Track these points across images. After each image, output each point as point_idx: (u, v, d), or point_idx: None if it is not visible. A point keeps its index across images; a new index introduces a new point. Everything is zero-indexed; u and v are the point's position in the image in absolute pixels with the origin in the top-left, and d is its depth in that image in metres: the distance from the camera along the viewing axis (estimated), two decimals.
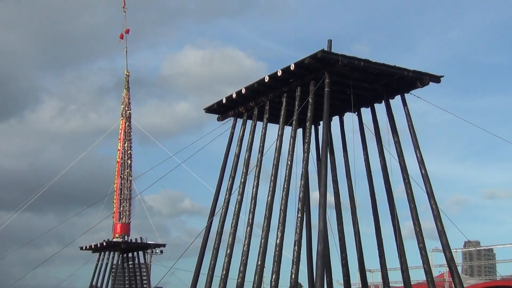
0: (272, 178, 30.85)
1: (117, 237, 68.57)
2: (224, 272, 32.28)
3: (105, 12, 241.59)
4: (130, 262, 74.23)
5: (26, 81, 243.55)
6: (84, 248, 72.60)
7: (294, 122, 30.93)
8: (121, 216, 68.97)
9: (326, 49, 29.65)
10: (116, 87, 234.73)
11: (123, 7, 72.10)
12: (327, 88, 29.53)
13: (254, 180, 32.48)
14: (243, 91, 33.56)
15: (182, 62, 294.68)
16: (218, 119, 37.51)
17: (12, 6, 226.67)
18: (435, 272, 57.76)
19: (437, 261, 61.51)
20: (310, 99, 30.16)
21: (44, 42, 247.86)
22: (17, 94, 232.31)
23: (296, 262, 28.11)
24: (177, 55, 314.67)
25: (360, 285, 34.47)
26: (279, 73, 30.86)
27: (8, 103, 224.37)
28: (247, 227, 31.77)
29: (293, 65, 30.03)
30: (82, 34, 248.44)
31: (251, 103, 34.36)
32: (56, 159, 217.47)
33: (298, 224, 28.77)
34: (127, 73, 72.91)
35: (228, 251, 32.57)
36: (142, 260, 73.90)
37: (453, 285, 31.61)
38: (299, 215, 28.96)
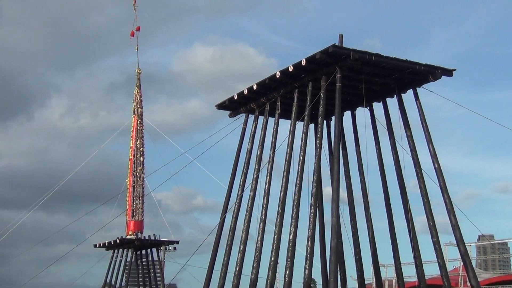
0: (285, 174, 30.83)
1: (130, 235, 68.73)
2: (237, 268, 32.33)
3: (114, 10, 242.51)
4: (143, 259, 74.42)
5: (36, 79, 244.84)
6: (97, 245, 72.88)
7: (306, 118, 30.88)
8: (134, 214, 69.10)
9: (337, 44, 29.57)
10: (125, 85, 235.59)
11: (134, 5, 72.11)
12: (338, 83, 29.48)
13: (267, 176, 32.49)
14: (255, 87, 33.55)
15: (193, 59, 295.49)
16: (230, 116, 37.55)
17: (21, 3, 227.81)
18: (449, 267, 57.68)
19: (451, 255, 61.44)
20: (321, 94, 30.11)
21: (53, 39, 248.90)
22: (26, 92, 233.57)
23: (310, 257, 28.10)
24: (188, 52, 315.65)
25: (374, 280, 34.41)
26: (291, 69, 30.83)
27: (17, 101, 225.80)
28: (260, 223, 31.79)
29: (304, 61, 29.98)
30: (91, 32, 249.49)
31: (263, 99, 34.35)
32: (65, 157, 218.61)
33: (311, 219, 28.75)
34: (139, 71, 72.95)
35: (241, 247, 32.61)
36: (155, 257, 74.14)
37: (467, 279, 31.51)
38: (312, 210, 28.95)
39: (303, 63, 30.06)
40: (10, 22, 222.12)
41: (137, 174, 69.78)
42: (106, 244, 71.29)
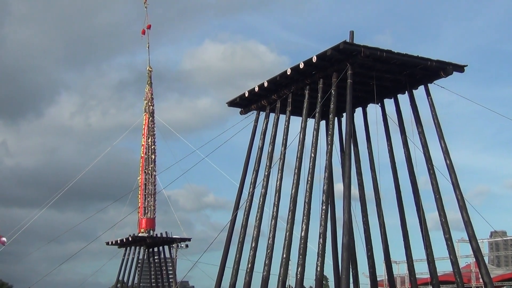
0: (296, 170, 30.83)
1: (142, 232, 68.95)
2: (249, 265, 32.36)
3: (125, 8, 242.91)
4: (155, 257, 74.66)
5: (45, 77, 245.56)
6: (110, 243, 73.13)
7: (317, 115, 30.86)
8: (146, 211, 69.33)
9: (348, 40, 29.52)
10: (135, 83, 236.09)
11: (145, 3, 72.25)
12: (349, 79, 29.44)
13: (278, 173, 32.50)
14: (266, 84, 33.56)
15: (203, 57, 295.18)
16: (241, 113, 37.56)
17: (30, 1, 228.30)
18: (462, 263, 57.44)
19: (463, 251, 61.18)
20: (332, 91, 30.07)
21: (63, 37, 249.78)
22: (36, 90, 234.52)
23: (321, 254, 28.09)
24: (198, 50, 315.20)
25: (386, 277, 34.37)
26: (301, 66, 30.80)
27: (26, 99, 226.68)
28: (271, 220, 31.81)
29: (315, 57, 29.95)
30: (101, 30, 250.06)
31: (274, 96, 34.34)
32: (74, 155, 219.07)
33: (323, 216, 28.72)
34: (150, 69, 73.11)
35: (253, 245, 32.64)
36: (167, 255, 74.39)
37: (480, 275, 31.40)
38: (324, 207, 28.91)
39: (314, 60, 30.03)
40: (19, 20, 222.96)
41: (149, 171, 69.99)
42: (119, 241, 71.54)
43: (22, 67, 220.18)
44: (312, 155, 30.28)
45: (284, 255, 29.79)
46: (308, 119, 31.65)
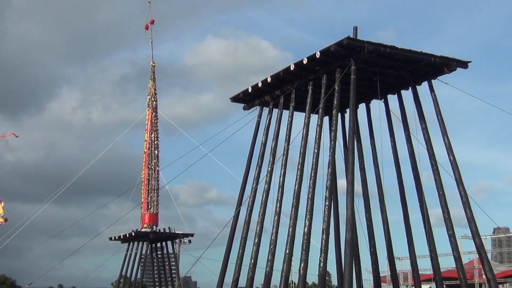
0: (299, 166, 30.81)
1: (145, 228, 68.95)
2: (252, 261, 32.37)
3: (127, 3, 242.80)
4: (158, 252, 74.68)
5: (47, 72, 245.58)
6: (113, 238, 73.16)
7: (320, 110, 30.83)
8: (149, 206, 69.31)
9: (351, 36, 29.47)
10: (137, 78, 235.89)
11: None
12: (353, 75, 29.40)
13: (281, 169, 32.48)
14: (269, 79, 33.52)
15: (206, 52, 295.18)
16: (244, 108, 37.55)
17: None
18: (465, 259, 57.47)
19: (466, 248, 61.20)
20: (336, 86, 30.04)
21: (65, 32, 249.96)
22: (37, 84, 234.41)
23: (324, 250, 28.09)
24: (201, 45, 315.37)
25: (389, 273, 34.34)
26: (305, 61, 30.77)
27: (27, 93, 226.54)
28: (274, 216, 31.82)
29: (318, 53, 29.91)
30: (104, 25, 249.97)
31: (277, 92, 34.31)
32: (75, 150, 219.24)
33: (326, 212, 28.73)
34: (153, 64, 72.99)
35: (256, 240, 32.64)
36: (170, 250, 74.39)
37: (483, 272, 31.38)
38: (327, 203, 28.92)
39: (318, 55, 29.99)
40: (20, 14, 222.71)
41: (152, 167, 69.94)
42: (121, 237, 71.57)
43: (23, 61, 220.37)
44: (315, 151, 30.26)
45: (287, 251, 29.79)
46: (311, 115, 31.62)
